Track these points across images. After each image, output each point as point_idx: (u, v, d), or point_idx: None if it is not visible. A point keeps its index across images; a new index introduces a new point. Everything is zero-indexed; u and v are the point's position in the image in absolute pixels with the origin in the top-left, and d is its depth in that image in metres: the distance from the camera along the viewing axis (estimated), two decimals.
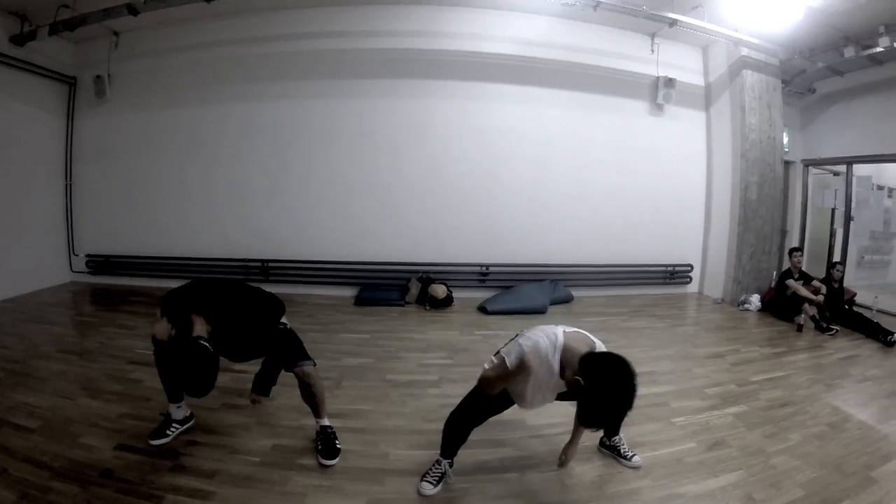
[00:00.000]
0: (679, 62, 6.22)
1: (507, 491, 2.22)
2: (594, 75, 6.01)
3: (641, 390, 2.98)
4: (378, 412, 2.94)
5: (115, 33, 6.17)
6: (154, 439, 2.63)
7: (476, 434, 2.52)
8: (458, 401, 2.91)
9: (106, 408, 3.06)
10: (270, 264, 6.05)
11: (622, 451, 2.47)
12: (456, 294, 5.61)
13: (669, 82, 6.04)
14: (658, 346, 4.22)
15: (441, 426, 2.45)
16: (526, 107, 5.94)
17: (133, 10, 5.06)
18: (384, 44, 5.79)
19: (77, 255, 6.49)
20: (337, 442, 2.57)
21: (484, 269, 5.93)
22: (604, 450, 2.53)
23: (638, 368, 3.38)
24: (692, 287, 6.44)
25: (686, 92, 6.22)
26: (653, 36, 6.06)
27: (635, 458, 2.44)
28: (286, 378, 2.68)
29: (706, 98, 6.39)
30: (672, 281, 6.32)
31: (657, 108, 6.21)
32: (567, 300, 5.81)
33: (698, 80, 6.39)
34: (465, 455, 2.37)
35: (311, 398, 2.56)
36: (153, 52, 6.14)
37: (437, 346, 4.17)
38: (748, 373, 3.65)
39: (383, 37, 5.79)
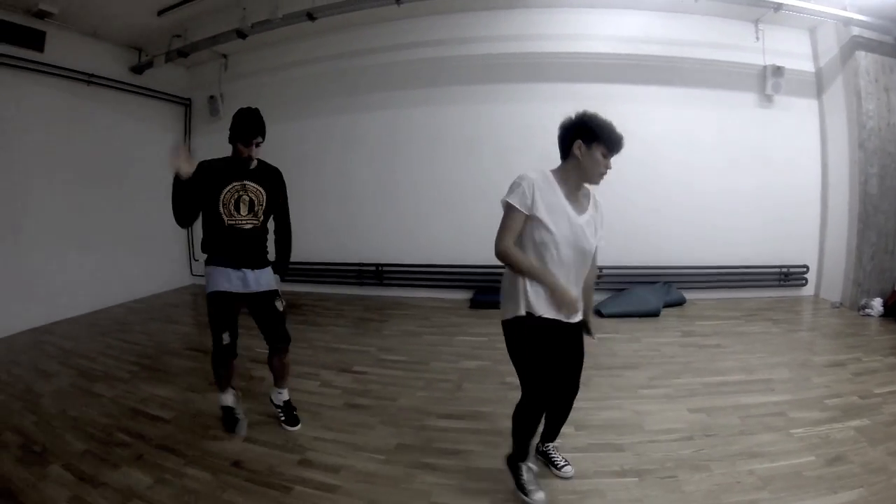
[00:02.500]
0: (786, 48, 6.04)
1: (627, 496, 2.31)
2: (698, 69, 6.01)
3: (758, 398, 3.24)
4: (497, 414, 3.11)
5: (224, 56, 6.95)
6: (232, 431, 3.02)
7: (595, 437, 2.81)
8: (578, 403, 3.17)
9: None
10: (384, 268, 6.56)
11: (554, 459, 2.53)
12: None
13: (778, 70, 5.89)
14: (774, 353, 4.21)
15: (563, 429, 2.62)
16: (630, 106, 5.99)
17: (241, 34, 5.74)
18: (483, 49, 6.13)
19: (197, 260, 7.37)
20: (295, 410, 3.12)
21: (598, 271, 6.03)
22: (538, 456, 2.58)
23: (754, 376, 3.68)
24: (808, 289, 6.26)
25: (795, 79, 6.03)
26: (756, 22, 5.92)
27: (566, 468, 2.48)
28: (407, 380, 3.09)
29: (817, 85, 6.16)
30: (786, 283, 6.19)
31: (766, 98, 6.08)
32: (680, 303, 5.87)
33: (808, 66, 6.16)
34: (584, 458, 2.58)
35: (282, 370, 3.09)
36: (260, 71, 6.87)
37: None
38: (871, 384, 3.54)
39: (482, 42, 6.12)
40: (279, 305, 2.97)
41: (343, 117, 6.63)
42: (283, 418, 3.09)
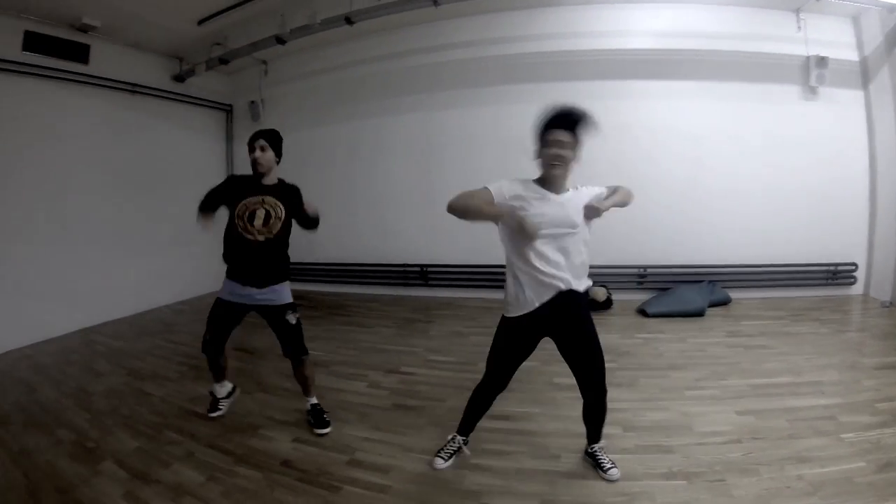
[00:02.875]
0: (828, 37, 5.93)
1: (675, 499, 2.34)
2: (738, 62, 5.96)
3: (807, 401, 3.25)
4: (546, 415, 3.22)
5: (264, 62, 7.17)
6: (212, 412, 3.41)
7: (643, 439, 2.85)
8: (625, 404, 3.28)
9: (280, 403, 3.61)
10: (429, 269, 6.71)
11: (601, 461, 2.60)
12: (614, 296, 5.89)
13: (822, 61, 5.79)
14: (822, 354, 4.17)
15: (610, 430, 2.76)
16: (672, 102, 6.07)
17: (280, 40, 5.91)
18: (518, 48, 6.23)
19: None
20: (325, 414, 3.23)
21: (641, 270, 6.18)
22: (587, 457, 2.69)
23: (803, 378, 3.68)
24: (857, 288, 6.14)
25: (840, 70, 5.92)
26: (797, 11, 5.86)
27: (612, 471, 2.53)
28: (455, 381, 3.17)
29: (862, 75, 6.02)
30: (834, 281, 6.09)
31: (810, 90, 5.99)
32: (725, 302, 5.85)
33: (852, 56, 6.02)
34: (633, 460, 2.63)
35: (304, 381, 3.26)
36: (300, 76, 7.10)
37: None
38: None
39: (517, 42, 6.21)
40: (291, 319, 3.10)
41: (385, 119, 6.79)
42: (311, 421, 3.21)
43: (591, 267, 6.14)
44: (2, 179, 5.27)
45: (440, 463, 2.69)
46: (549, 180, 2.38)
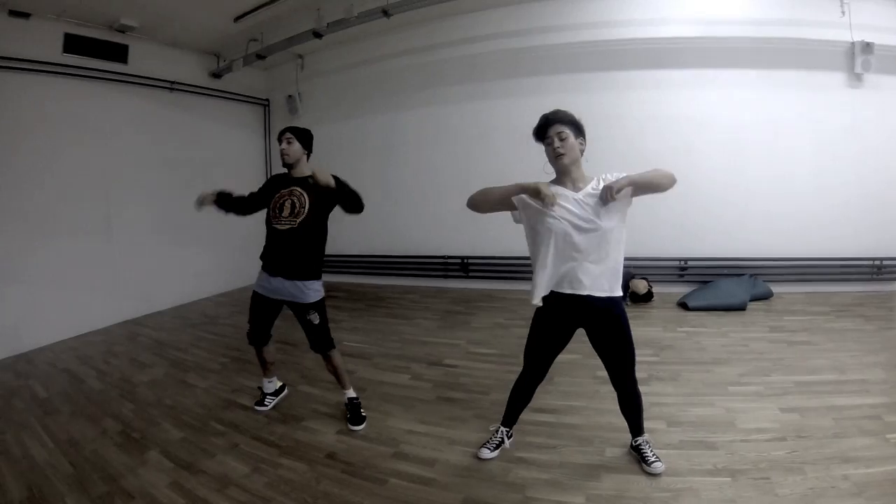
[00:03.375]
0: (874, 21, 5.75)
1: (720, 496, 2.35)
2: (780, 49, 5.86)
3: (852, 400, 3.26)
4: (590, 409, 3.28)
5: (300, 56, 7.33)
6: (258, 406, 3.55)
7: (687, 434, 2.89)
8: (670, 399, 3.34)
9: (324, 395, 3.71)
10: (470, 261, 6.83)
11: (645, 454, 2.64)
12: (655, 289, 5.93)
13: (867, 47, 5.65)
14: (869, 352, 4.12)
15: (654, 425, 2.85)
16: (710, 91, 6.05)
17: (317, 35, 6.02)
18: (560, 38, 6.25)
19: None
20: (362, 410, 3.33)
21: (682, 263, 6.20)
22: (632, 451, 2.74)
23: (847, 376, 3.69)
24: None
25: (886, 56, 5.74)
26: None
27: (655, 464, 2.57)
28: (498, 374, 3.29)
29: None
30: (880, 276, 5.97)
31: (855, 77, 5.85)
32: (767, 296, 5.81)
33: None
34: (677, 456, 2.65)
35: (334, 374, 3.38)
36: (336, 69, 7.26)
37: (642, 343, 4.26)
38: None
39: (558, 31, 6.24)
40: (314, 319, 3.24)
41: (423, 111, 6.90)
42: (347, 416, 3.32)
43: (632, 259, 6.17)
44: (48, 176, 5.54)
45: (486, 453, 2.77)
46: (563, 177, 2.48)
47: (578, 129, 2.50)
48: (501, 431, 2.84)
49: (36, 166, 5.44)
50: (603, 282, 2.39)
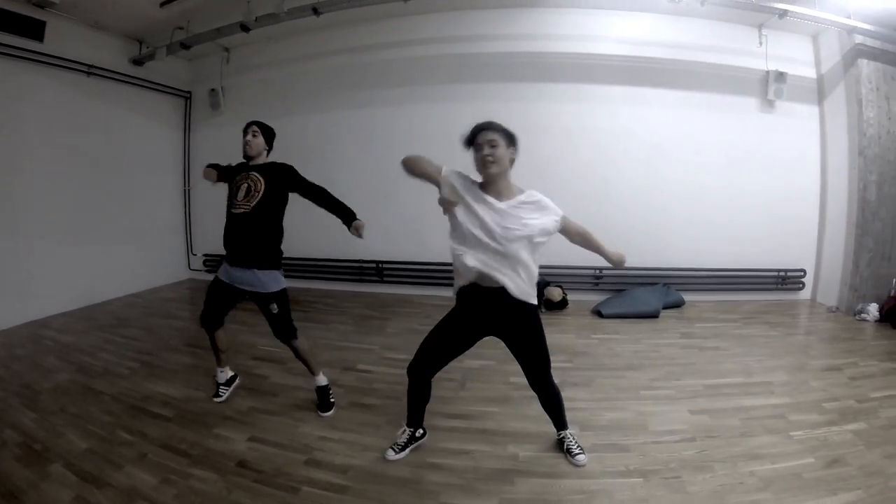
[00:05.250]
0: (788, 53, 6.14)
1: (633, 496, 2.40)
2: (701, 73, 6.10)
3: (758, 401, 3.34)
4: (503, 414, 3.23)
5: (227, 49, 6.98)
6: (215, 397, 3.49)
7: (600, 438, 2.88)
8: (583, 404, 3.31)
9: (235, 402, 3.51)
10: (385, 265, 6.64)
11: (570, 447, 2.72)
12: (569, 296, 5.93)
13: (780, 77, 6.00)
14: (772, 356, 4.30)
15: (566, 431, 2.80)
16: (635, 108, 6.17)
17: (245, 28, 5.76)
18: (494, 48, 6.19)
19: (195, 255, 7.44)
20: (331, 398, 3.37)
21: (597, 271, 6.22)
22: (557, 444, 2.82)
23: (754, 378, 3.77)
24: (805, 294, 6.37)
25: (797, 85, 6.13)
26: (760, 27, 6.03)
27: (579, 457, 2.66)
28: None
29: (818, 91, 6.25)
30: (784, 287, 6.29)
31: (768, 104, 6.18)
32: (679, 304, 5.96)
33: (809, 73, 6.25)
34: (591, 459, 2.66)
35: (303, 361, 3.38)
36: (263, 66, 6.91)
37: (556, 349, 4.26)
38: (867, 388, 3.63)
39: (489, 41, 6.19)
40: (273, 309, 3.19)
41: (350, 112, 6.68)
42: (316, 403, 3.36)
43: (547, 267, 6.13)
44: None
45: (391, 454, 2.72)
46: (489, 184, 2.41)
47: (510, 139, 2.43)
48: (407, 432, 2.80)
49: None
50: (517, 286, 2.38)
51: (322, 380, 3.38)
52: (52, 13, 5.64)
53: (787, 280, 6.30)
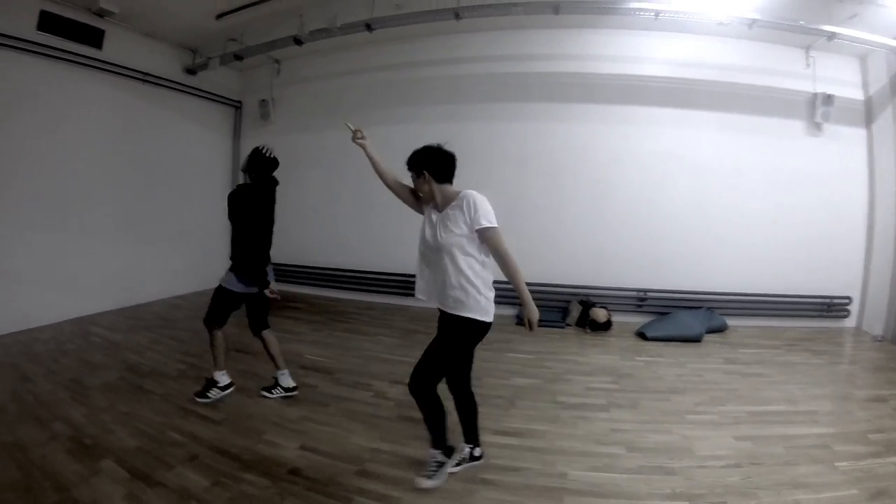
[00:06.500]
0: (835, 75, 6.19)
1: None
2: (747, 95, 6.21)
3: (802, 430, 3.44)
4: (552, 433, 3.34)
5: (277, 61, 7.32)
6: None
7: (647, 460, 3.00)
8: (629, 426, 3.45)
9: (285, 409, 3.65)
10: None
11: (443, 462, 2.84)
12: (613, 318, 6.03)
13: (828, 99, 6.05)
14: (816, 384, 4.37)
15: (614, 450, 2.98)
16: (680, 130, 6.30)
17: (298, 41, 6.04)
18: (541, 67, 6.39)
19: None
20: (209, 394, 3.74)
21: (642, 293, 6.35)
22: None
23: (798, 406, 3.88)
24: (850, 321, 6.35)
25: (844, 108, 6.16)
26: (807, 49, 6.12)
27: (421, 480, 2.71)
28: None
29: (866, 113, 6.28)
30: (828, 314, 6.29)
31: (815, 126, 6.23)
32: (722, 329, 6.02)
33: (857, 94, 6.29)
34: (638, 480, 2.76)
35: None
36: (312, 78, 7.24)
37: (601, 371, 4.58)
38: None
39: (540, 60, 6.38)
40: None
41: (399, 128, 6.81)
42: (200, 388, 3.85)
43: (593, 288, 6.25)
44: (5, 159, 5.34)
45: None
46: (428, 203, 2.82)
47: (418, 169, 2.74)
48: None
49: None
50: (445, 296, 2.63)
51: (220, 376, 3.81)
52: (110, 22, 6.04)
53: (832, 307, 6.29)
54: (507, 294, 6.47)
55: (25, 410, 3.53)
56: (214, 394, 3.78)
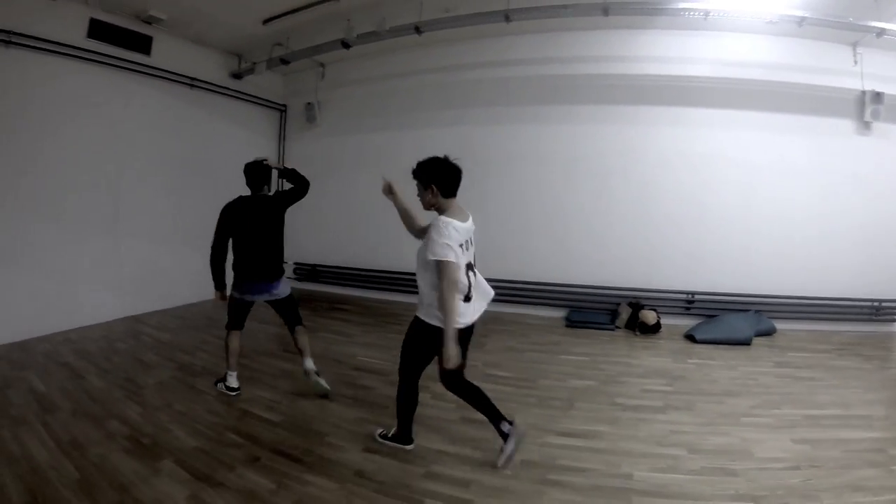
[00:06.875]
0: (883, 72, 6.16)
1: None
2: (795, 94, 6.24)
3: (858, 433, 3.58)
4: (613, 434, 3.46)
5: (322, 65, 7.57)
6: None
7: (709, 461, 3.13)
8: (687, 427, 3.60)
9: (345, 410, 3.77)
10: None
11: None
12: (661, 320, 6.15)
13: (877, 97, 6.03)
14: (869, 390, 4.44)
15: (676, 452, 3.13)
16: (728, 131, 6.38)
17: (346, 45, 6.24)
18: (590, 69, 6.50)
19: (285, 262, 7.96)
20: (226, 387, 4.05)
21: (689, 296, 6.45)
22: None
23: (852, 411, 4.03)
24: None
25: (894, 105, 6.13)
26: (854, 45, 6.10)
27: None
28: (518, 397, 3.62)
29: None
30: (878, 318, 6.29)
31: (864, 125, 6.23)
32: (770, 332, 6.09)
33: None
34: (701, 482, 2.87)
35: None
36: (357, 81, 7.47)
37: (654, 373, 4.72)
38: None
39: (589, 62, 6.49)
40: None
41: (447, 130, 7.06)
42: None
43: (641, 290, 6.41)
44: (59, 162, 5.67)
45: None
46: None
47: (426, 181, 2.99)
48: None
49: (48, 151, 5.55)
50: (420, 303, 3.02)
51: (230, 376, 4.05)
52: (158, 28, 6.36)
53: (881, 311, 6.27)
54: (554, 295, 6.64)
55: (80, 408, 3.69)
56: (220, 387, 4.06)
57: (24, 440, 3.18)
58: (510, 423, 3.09)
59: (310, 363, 4.09)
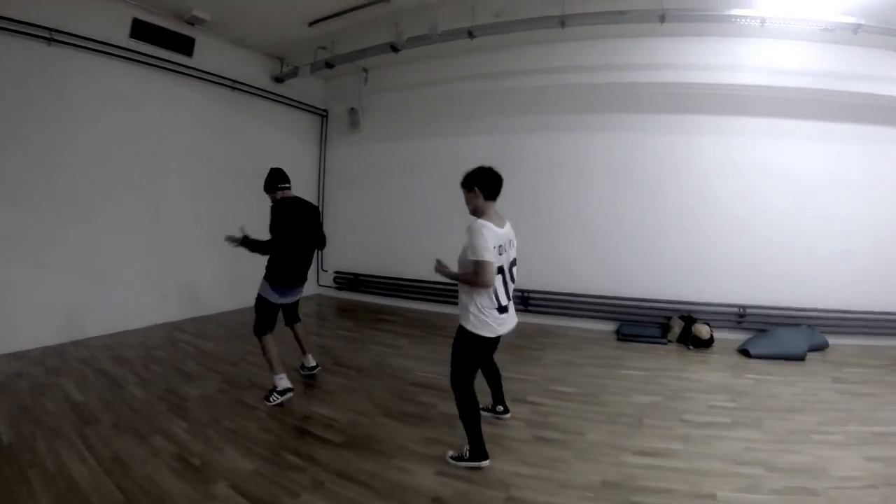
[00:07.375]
0: None
1: None
2: (848, 102, 6.25)
3: None
4: (689, 452, 3.49)
5: (365, 70, 7.71)
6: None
7: (789, 480, 3.19)
8: (760, 445, 3.67)
9: (409, 430, 3.72)
10: (530, 294, 7.06)
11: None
12: (714, 334, 6.28)
13: None
14: None
15: (754, 471, 3.20)
16: (780, 140, 6.42)
17: (395, 49, 6.31)
18: (635, 77, 6.54)
19: (325, 271, 8.18)
20: (272, 398, 4.12)
21: (741, 310, 6.49)
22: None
23: None
24: None
25: None
26: None
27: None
28: (586, 413, 3.74)
29: None
30: None
31: None
32: (823, 347, 6.15)
33: None
34: (783, 500, 2.94)
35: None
36: (401, 86, 7.57)
37: (716, 388, 4.83)
38: None
39: (634, 70, 6.54)
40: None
41: (491, 138, 7.15)
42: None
43: (692, 304, 6.50)
44: (101, 164, 5.81)
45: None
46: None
47: (470, 185, 3.38)
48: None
49: (86, 150, 5.69)
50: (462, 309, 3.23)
51: (278, 380, 4.14)
52: (200, 30, 6.50)
53: None
54: (603, 308, 6.73)
55: (120, 421, 3.60)
56: (275, 398, 4.11)
57: (61, 454, 3.11)
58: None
59: (311, 360, 4.72)
